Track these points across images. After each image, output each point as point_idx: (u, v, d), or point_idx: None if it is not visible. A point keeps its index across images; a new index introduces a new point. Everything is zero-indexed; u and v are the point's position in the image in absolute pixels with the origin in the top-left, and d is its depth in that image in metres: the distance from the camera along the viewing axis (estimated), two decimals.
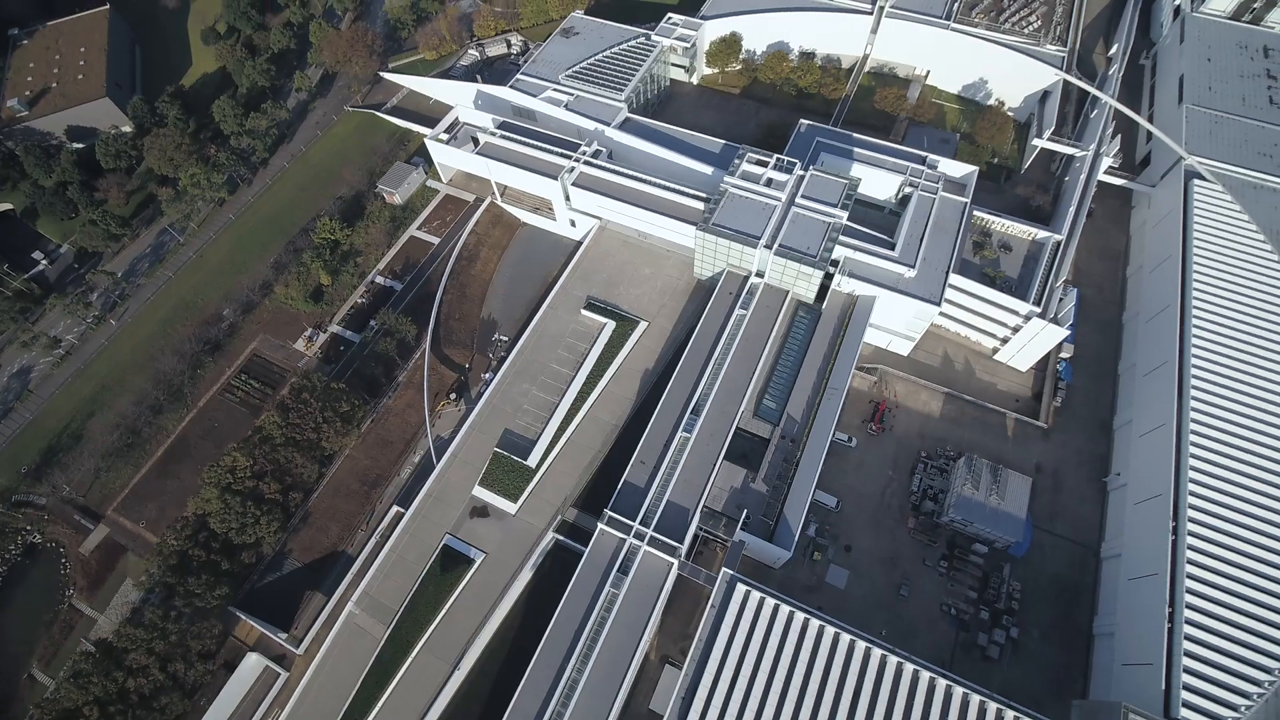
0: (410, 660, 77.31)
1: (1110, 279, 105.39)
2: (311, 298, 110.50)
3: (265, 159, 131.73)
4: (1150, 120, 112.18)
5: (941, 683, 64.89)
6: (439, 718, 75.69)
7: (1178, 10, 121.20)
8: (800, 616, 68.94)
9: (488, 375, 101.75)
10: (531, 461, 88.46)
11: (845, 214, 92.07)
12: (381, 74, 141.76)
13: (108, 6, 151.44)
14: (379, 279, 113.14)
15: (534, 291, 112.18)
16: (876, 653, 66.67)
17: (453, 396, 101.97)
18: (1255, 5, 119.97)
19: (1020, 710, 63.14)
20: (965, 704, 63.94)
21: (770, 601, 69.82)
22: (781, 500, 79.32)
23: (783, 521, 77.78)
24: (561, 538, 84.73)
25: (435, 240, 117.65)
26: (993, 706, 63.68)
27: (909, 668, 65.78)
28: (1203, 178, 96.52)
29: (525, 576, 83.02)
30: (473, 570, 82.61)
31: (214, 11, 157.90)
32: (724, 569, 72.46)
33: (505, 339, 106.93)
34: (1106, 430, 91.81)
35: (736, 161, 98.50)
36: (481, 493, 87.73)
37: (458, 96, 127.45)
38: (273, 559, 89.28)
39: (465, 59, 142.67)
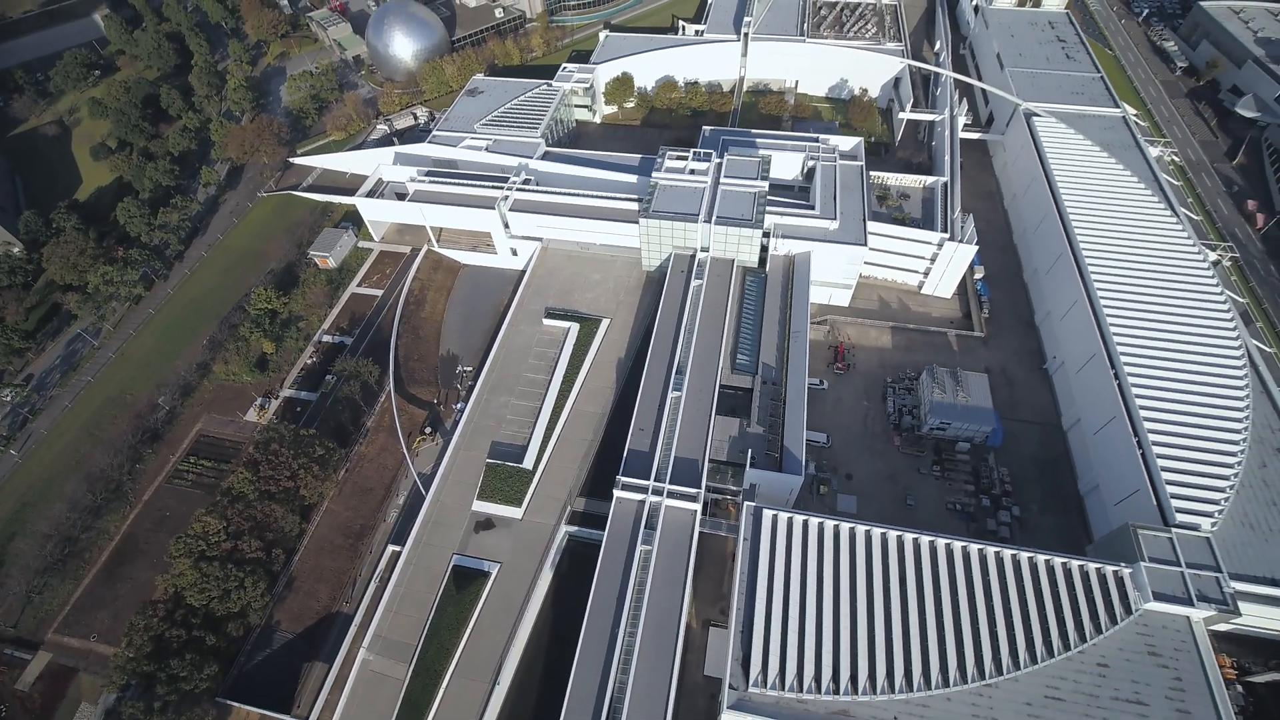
0: (443, 689, 70.76)
1: (994, 212, 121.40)
2: (256, 367, 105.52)
3: (180, 251, 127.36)
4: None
5: (974, 548, 67.96)
6: None
7: (977, 8, 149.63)
8: (830, 524, 70.48)
9: (460, 405, 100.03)
10: (527, 463, 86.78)
11: (766, 184, 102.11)
12: (292, 160, 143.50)
13: None
14: (326, 337, 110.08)
15: (488, 323, 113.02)
16: (909, 537, 69.01)
17: (428, 430, 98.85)
18: None
19: (1048, 553, 67.32)
20: (1000, 561, 67.12)
21: (799, 518, 71.01)
22: (780, 433, 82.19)
23: (786, 452, 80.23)
24: (575, 529, 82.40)
25: (378, 293, 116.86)
26: (1024, 556, 67.41)
27: (941, 542, 68.46)
28: (1039, 115, 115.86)
29: (546, 577, 79.40)
30: (490, 582, 78.26)
31: (100, 131, 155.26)
32: (746, 504, 73.28)
33: (469, 369, 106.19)
34: (1032, 327, 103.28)
35: (660, 160, 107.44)
36: (482, 506, 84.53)
37: (376, 161, 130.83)
38: (260, 634, 79.90)
39: (375, 134, 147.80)
